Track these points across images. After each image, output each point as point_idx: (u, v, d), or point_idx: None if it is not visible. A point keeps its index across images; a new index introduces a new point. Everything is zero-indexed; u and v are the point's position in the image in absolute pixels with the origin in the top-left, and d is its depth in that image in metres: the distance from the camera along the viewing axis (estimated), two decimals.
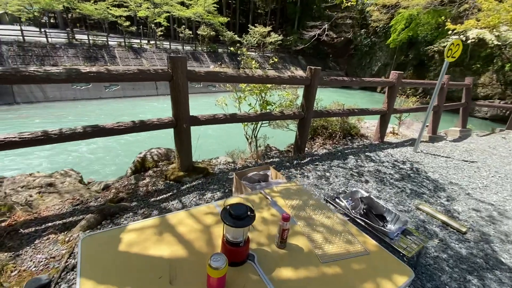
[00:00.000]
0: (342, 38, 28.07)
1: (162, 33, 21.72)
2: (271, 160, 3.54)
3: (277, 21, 32.64)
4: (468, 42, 12.36)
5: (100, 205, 2.27)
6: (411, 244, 1.65)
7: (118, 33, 22.57)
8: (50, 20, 26.44)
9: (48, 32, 15.83)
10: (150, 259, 1.10)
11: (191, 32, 23.79)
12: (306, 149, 3.91)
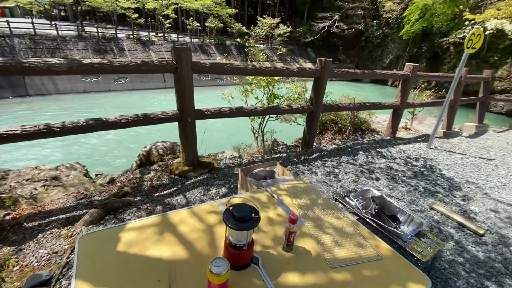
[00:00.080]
0: (353, 30, 27.31)
1: (170, 25, 21.64)
2: (278, 155, 3.45)
3: (286, 12, 32.02)
4: (486, 33, 11.79)
5: (104, 199, 2.25)
6: (426, 247, 1.55)
7: (126, 25, 22.62)
8: (61, 13, 26.70)
9: (59, 25, 15.95)
10: (149, 260, 1.04)
11: (199, 24, 23.61)
12: (314, 144, 3.80)
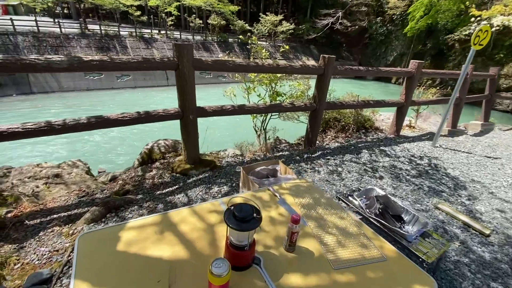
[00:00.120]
0: (357, 27, 27.06)
1: (172, 22, 21.59)
2: (281, 153, 3.42)
3: (289, 9, 31.76)
4: (492, 30, 11.59)
5: (105, 197, 2.24)
6: (431, 248, 1.52)
7: (129, 23, 22.60)
8: (64, 11, 26.76)
9: (62, 23, 15.98)
10: (149, 260, 1.03)
11: (201, 21, 23.52)
12: (317, 142, 3.77)
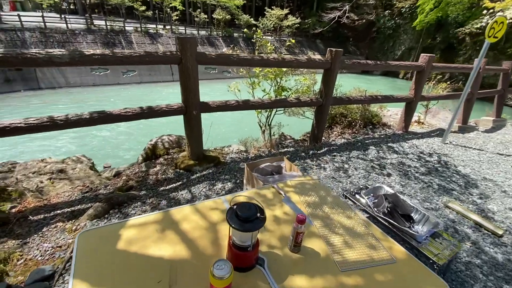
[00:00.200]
0: (364, 21, 26.50)
1: (177, 17, 21.47)
2: (285, 149, 3.37)
3: (294, 3, 31.28)
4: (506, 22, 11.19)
5: (109, 193, 2.23)
6: (443, 250, 1.46)
7: (134, 18, 22.58)
8: (70, 6, 26.86)
9: (68, 18, 16.05)
10: (150, 260, 1.00)
11: (206, 16, 23.34)
12: (323, 138, 3.70)
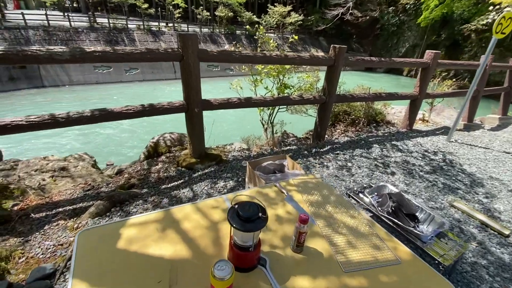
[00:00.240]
0: (368, 17, 26.21)
1: (180, 15, 21.41)
2: (288, 147, 3.34)
3: (297, 0, 31.05)
4: None
5: (110, 191, 2.22)
6: (448, 250, 1.43)
7: (137, 16, 22.55)
8: (73, 4, 26.90)
9: (71, 16, 16.07)
10: (150, 259, 0.99)
11: (208, 13, 23.25)
12: (326, 136, 3.66)
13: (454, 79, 5.60)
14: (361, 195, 1.86)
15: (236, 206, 0.92)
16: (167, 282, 0.90)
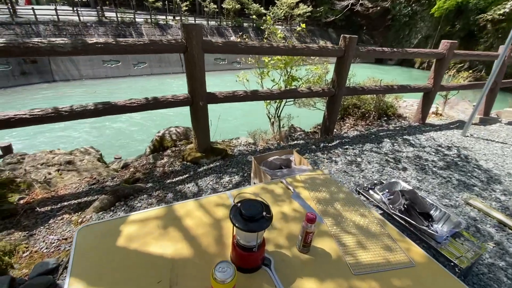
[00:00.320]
0: (378, 8, 25.43)
1: (187, 8, 21.25)
2: (295, 142, 3.26)
3: None
4: None
5: (115, 185, 2.21)
6: (465, 252, 1.35)
7: (144, 9, 22.52)
8: None
9: (80, 11, 16.17)
10: (150, 258, 0.95)
11: (216, 6, 23.00)
12: (335, 130, 3.56)
13: (470, 71, 5.36)
14: (371, 192, 1.79)
15: (239, 204, 0.87)
16: (167, 282, 0.87)
